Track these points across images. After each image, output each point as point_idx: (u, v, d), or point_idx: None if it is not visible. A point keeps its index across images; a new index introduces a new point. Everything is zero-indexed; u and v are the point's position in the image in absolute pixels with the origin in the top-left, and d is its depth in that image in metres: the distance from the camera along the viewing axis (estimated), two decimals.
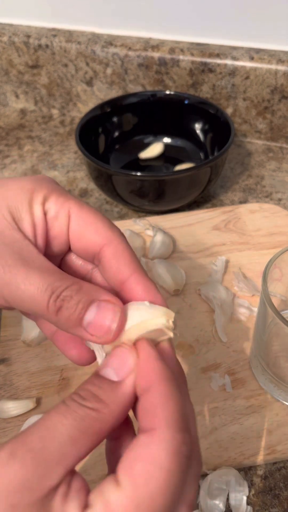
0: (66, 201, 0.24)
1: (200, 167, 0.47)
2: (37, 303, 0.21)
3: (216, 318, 0.40)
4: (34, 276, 0.21)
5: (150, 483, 0.16)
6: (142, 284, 0.23)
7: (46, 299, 0.20)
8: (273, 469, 0.32)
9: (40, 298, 0.20)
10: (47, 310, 0.20)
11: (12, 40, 0.65)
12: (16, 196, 0.23)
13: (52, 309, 0.20)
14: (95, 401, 0.18)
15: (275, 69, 0.56)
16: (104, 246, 0.23)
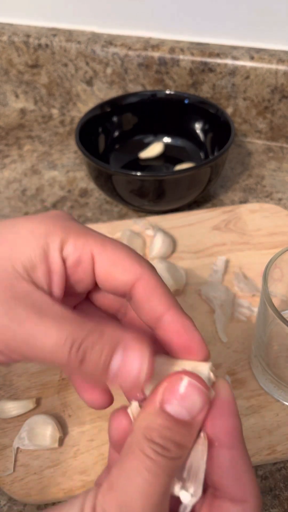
0: (87, 242, 0.22)
1: (200, 167, 0.47)
2: (58, 356, 0.19)
3: (216, 318, 0.40)
4: (51, 328, 0.19)
5: None
6: (179, 322, 0.21)
7: (66, 352, 0.19)
8: (273, 469, 0.32)
9: (60, 351, 0.19)
10: (69, 363, 0.19)
11: (12, 39, 0.65)
12: (28, 244, 0.21)
13: (74, 362, 0.19)
14: (179, 449, 0.18)
15: (275, 68, 0.56)
16: (135, 284, 0.22)
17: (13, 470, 0.32)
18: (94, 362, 0.19)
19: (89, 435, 0.33)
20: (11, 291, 0.20)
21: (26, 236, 0.21)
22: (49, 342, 0.19)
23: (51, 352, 0.19)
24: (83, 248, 0.22)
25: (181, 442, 0.18)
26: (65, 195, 0.57)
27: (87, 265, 0.22)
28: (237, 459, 0.19)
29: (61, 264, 0.22)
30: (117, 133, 0.59)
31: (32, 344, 0.19)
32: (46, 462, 0.32)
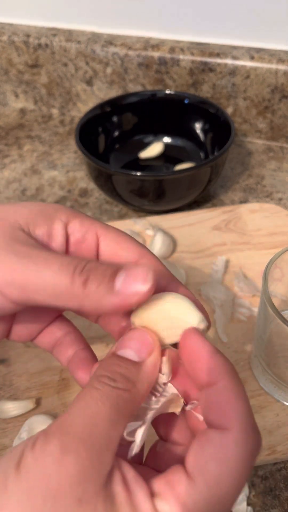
0: (92, 224, 0.23)
1: (200, 167, 0.47)
2: (60, 281, 0.19)
3: (216, 318, 0.40)
4: (53, 258, 0.20)
5: (223, 485, 0.17)
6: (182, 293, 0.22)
7: (70, 274, 0.19)
8: (273, 469, 0.32)
9: (63, 274, 0.19)
10: (72, 285, 0.19)
11: (12, 39, 0.65)
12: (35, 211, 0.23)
13: (78, 283, 0.19)
14: (125, 381, 0.18)
15: (275, 68, 0.56)
16: (138, 262, 0.23)
17: None
18: (98, 281, 0.19)
19: None
20: (14, 236, 0.21)
21: (34, 207, 0.23)
22: (52, 268, 0.20)
23: (53, 278, 0.19)
24: (89, 227, 0.23)
25: (128, 376, 0.19)
26: (65, 195, 0.57)
27: (92, 244, 0.23)
28: (220, 391, 0.18)
29: (63, 235, 0.23)
30: (117, 133, 0.59)
31: (34, 273, 0.20)
32: None
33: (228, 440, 0.17)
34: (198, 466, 0.17)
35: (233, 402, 0.18)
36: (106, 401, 0.18)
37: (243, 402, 0.18)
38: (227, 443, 0.17)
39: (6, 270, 0.20)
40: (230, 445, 0.17)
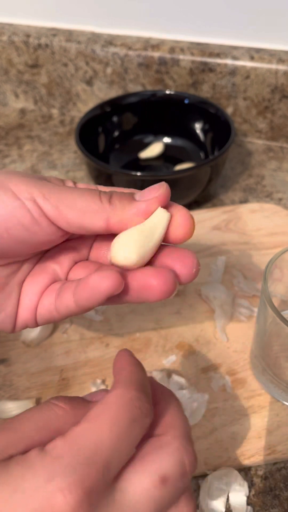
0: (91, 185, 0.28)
1: (200, 167, 0.47)
2: (90, 200, 0.23)
3: (216, 318, 0.40)
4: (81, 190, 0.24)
5: (99, 418, 0.19)
6: None
7: (97, 194, 0.24)
8: (273, 469, 0.32)
9: (91, 195, 0.24)
10: (101, 202, 0.23)
11: (12, 39, 0.65)
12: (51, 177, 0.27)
13: (104, 200, 0.24)
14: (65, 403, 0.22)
15: (275, 68, 0.56)
16: None
17: None
18: (120, 196, 0.24)
19: None
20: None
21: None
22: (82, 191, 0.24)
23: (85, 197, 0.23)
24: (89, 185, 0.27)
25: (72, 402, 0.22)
26: None
27: None
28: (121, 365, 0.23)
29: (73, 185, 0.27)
30: (117, 133, 0.59)
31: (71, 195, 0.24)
32: None
33: (110, 392, 0.20)
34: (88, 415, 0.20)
35: (125, 369, 0.22)
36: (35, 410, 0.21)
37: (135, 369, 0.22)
38: (109, 395, 0.20)
39: (43, 187, 0.23)
40: (110, 394, 0.20)
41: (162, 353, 0.38)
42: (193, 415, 0.34)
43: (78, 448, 0.18)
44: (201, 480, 0.31)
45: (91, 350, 0.38)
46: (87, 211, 0.23)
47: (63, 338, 0.39)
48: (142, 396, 0.20)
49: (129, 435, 0.19)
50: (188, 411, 0.34)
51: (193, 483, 0.32)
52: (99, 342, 0.39)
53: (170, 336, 0.39)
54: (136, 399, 0.20)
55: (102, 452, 0.18)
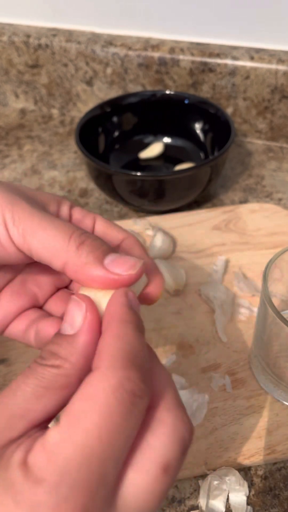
0: (90, 211, 0.27)
1: (200, 167, 0.47)
2: (58, 236, 0.22)
3: (216, 318, 0.40)
4: (58, 219, 0.22)
5: (86, 418, 0.16)
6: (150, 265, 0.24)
7: (69, 233, 0.22)
8: (273, 469, 0.32)
9: (63, 232, 0.22)
10: (68, 243, 0.21)
11: (12, 39, 0.65)
12: (49, 196, 0.26)
13: (73, 243, 0.21)
14: (54, 358, 0.19)
15: (275, 68, 0.56)
16: (124, 240, 0.26)
17: None
18: (92, 247, 0.21)
19: None
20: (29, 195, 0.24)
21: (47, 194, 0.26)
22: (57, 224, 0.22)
23: (53, 236, 0.22)
24: (88, 213, 0.26)
25: (59, 352, 0.19)
26: (65, 195, 0.57)
27: (89, 223, 0.26)
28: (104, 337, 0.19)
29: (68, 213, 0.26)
30: (117, 133, 0.59)
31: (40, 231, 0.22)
32: None
33: (94, 377, 0.17)
34: (66, 409, 0.17)
35: (111, 343, 0.18)
36: (31, 376, 0.18)
37: (122, 343, 0.18)
38: (91, 380, 0.17)
39: (17, 211, 0.22)
40: (95, 381, 0.17)
41: (162, 353, 0.38)
42: (194, 416, 0.34)
43: (63, 464, 0.15)
44: (201, 480, 0.31)
45: None
46: (50, 247, 0.22)
47: None
48: (133, 374, 0.17)
49: (123, 431, 0.16)
50: (189, 412, 0.34)
51: (193, 483, 0.32)
52: None
53: (170, 336, 0.39)
54: (127, 381, 0.17)
55: (93, 464, 0.15)
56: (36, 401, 0.17)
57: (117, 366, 0.17)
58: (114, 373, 0.17)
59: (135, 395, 0.16)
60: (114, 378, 0.16)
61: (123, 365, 0.17)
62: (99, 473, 0.15)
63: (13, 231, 0.22)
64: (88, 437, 0.16)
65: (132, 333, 0.18)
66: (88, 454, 0.15)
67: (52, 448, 0.16)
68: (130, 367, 0.17)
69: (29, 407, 0.17)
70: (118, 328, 0.19)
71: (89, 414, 0.16)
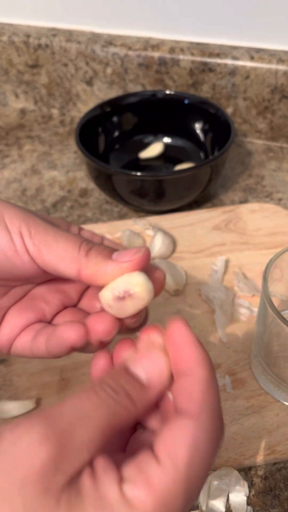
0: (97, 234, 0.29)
1: (200, 167, 0.47)
2: (69, 247, 0.24)
3: (216, 318, 0.40)
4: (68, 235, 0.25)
5: (191, 467, 0.17)
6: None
7: (78, 244, 0.24)
8: (273, 469, 0.32)
9: (72, 243, 0.24)
10: (79, 251, 0.24)
11: (12, 39, 0.65)
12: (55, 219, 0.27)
13: (82, 252, 0.24)
14: (127, 398, 0.19)
15: (275, 68, 0.56)
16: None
17: None
18: (98, 251, 0.24)
19: None
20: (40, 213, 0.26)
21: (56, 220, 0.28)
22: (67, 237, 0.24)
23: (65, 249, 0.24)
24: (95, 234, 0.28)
25: (132, 395, 0.20)
26: (65, 195, 0.57)
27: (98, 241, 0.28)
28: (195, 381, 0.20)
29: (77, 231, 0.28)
30: (117, 133, 0.59)
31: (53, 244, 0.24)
32: None
33: (197, 426, 0.18)
34: (167, 451, 0.18)
35: (204, 392, 0.19)
36: (102, 410, 0.18)
37: (213, 393, 0.19)
38: (195, 429, 0.18)
39: (32, 225, 0.24)
40: (198, 432, 0.18)
41: None
42: None
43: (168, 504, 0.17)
44: None
45: None
46: (63, 257, 0.24)
47: None
48: (222, 422, 0.19)
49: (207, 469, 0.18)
50: None
51: None
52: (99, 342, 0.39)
53: None
54: (220, 430, 0.19)
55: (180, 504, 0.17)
56: (100, 436, 0.18)
57: (215, 416, 0.19)
58: (214, 424, 0.19)
59: (220, 441, 0.19)
60: (214, 429, 0.19)
61: (218, 415, 0.19)
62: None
63: (28, 243, 0.24)
64: (191, 483, 0.17)
65: (214, 376, 0.20)
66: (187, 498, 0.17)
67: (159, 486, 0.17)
68: (221, 417, 0.19)
69: (92, 440, 0.18)
70: (203, 373, 0.20)
71: (195, 464, 0.18)
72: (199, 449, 0.18)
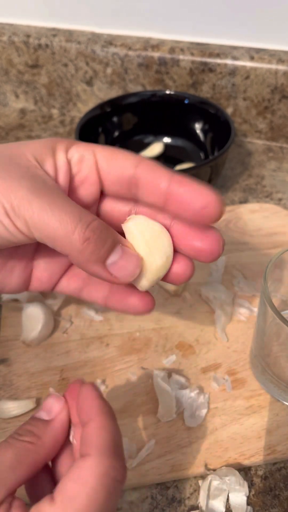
0: (90, 146, 0.25)
1: (200, 167, 0.47)
2: (61, 231, 0.21)
3: (216, 318, 0.40)
4: (63, 203, 0.21)
5: (76, 499, 0.19)
6: (186, 185, 0.23)
7: (74, 224, 0.21)
8: (273, 469, 0.32)
9: (65, 225, 0.21)
10: (72, 234, 0.21)
11: (12, 39, 0.65)
12: (40, 147, 0.24)
13: (77, 237, 0.21)
14: (30, 435, 0.22)
15: (275, 68, 0.56)
16: (137, 167, 0.24)
17: None
18: (96, 246, 0.21)
19: None
20: (30, 173, 0.22)
21: (38, 143, 0.24)
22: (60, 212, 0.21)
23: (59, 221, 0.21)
24: (85, 148, 0.25)
25: (34, 431, 0.22)
26: None
27: (90, 161, 0.24)
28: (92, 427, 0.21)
29: (65, 161, 0.24)
30: (117, 133, 0.59)
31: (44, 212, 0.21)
32: None
33: (85, 463, 0.20)
34: (59, 488, 0.20)
35: (98, 434, 0.21)
36: (9, 450, 0.21)
37: (107, 434, 0.21)
38: (83, 465, 0.20)
39: (17, 200, 0.21)
40: (86, 466, 0.20)
41: (162, 353, 0.38)
42: (194, 416, 0.34)
43: None
44: (201, 480, 0.31)
45: (91, 350, 0.38)
46: (53, 238, 0.21)
47: (63, 338, 0.39)
48: (116, 463, 0.20)
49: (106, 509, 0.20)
50: (189, 412, 0.34)
51: (193, 483, 0.32)
52: (99, 342, 0.39)
53: (170, 336, 0.39)
54: (112, 469, 0.20)
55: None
56: (12, 473, 0.21)
57: (104, 455, 0.20)
58: (103, 462, 0.20)
59: (117, 481, 0.20)
60: (101, 465, 0.20)
61: (109, 454, 0.20)
62: None
63: (17, 221, 0.22)
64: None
65: (112, 423, 0.22)
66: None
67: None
68: (114, 456, 0.20)
69: (6, 477, 0.20)
70: (100, 420, 0.21)
71: (80, 496, 0.19)
72: (86, 485, 0.19)
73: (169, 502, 0.31)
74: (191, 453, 0.32)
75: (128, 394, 0.35)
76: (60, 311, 0.41)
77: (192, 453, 0.32)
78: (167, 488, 0.31)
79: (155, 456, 0.32)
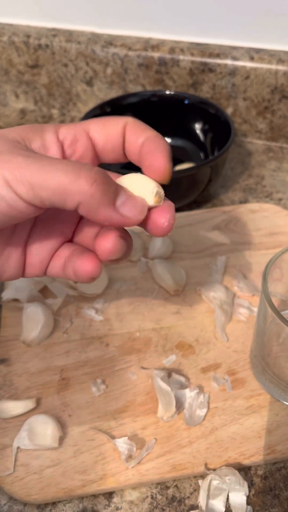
0: (80, 125, 0.26)
1: (200, 167, 0.47)
2: (68, 180, 0.21)
3: (216, 318, 0.40)
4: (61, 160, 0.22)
5: None
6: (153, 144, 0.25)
7: (77, 171, 0.21)
8: (273, 469, 0.32)
9: (70, 174, 0.21)
10: (80, 183, 0.21)
11: (12, 40, 0.65)
12: (26, 130, 0.25)
13: (84, 181, 0.21)
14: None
15: (275, 69, 0.56)
16: (125, 127, 0.26)
17: (13, 470, 0.32)
18: (105, 186, 0.22)
19: (89, 435, 0.33)
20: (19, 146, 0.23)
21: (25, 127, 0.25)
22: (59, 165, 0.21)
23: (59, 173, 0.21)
24: (76, 128, 0.26)
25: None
26: None
27: (84, 139, 0.26)
28: None
29: (56, 141, 0.25)
30: None
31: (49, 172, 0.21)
32: (46, 462, 0.32)
33: None
34: None
35: None
36: None
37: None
38: None
39: (15, 168, 0.21)
40: None
41: (162, 353, 0.38)
42: (194, 416, 0.34)
43: None
44: (201, 480, 0.31)
45: (91, 350, 0.38)
46: (61, 191, 0.21)
47: (63, 338, 0.39)
48: None
49: None
50: (189, 412, 0.34)
51: (193, 483, 0.32)
52: (99, 342, 0.39)
53: (170, 336, 0.39)
54: None
55: None
56: None
57: None
58: None
59: None
60: None
61: None
62: None
63: (20, 189, 0.21)
64: None
65: None
66: None
67: None
68: None
69: None
70: None
71: None
72: None
73: (169, 502, 0.31)
74: (191, 453, 0.32)
75: (128, 394, 0.35)
76: (60, 311, 0.41)
77: (192, 453, 0.32)
78: (167, 488, 0.31)
79: (155, 455, 0.32)
